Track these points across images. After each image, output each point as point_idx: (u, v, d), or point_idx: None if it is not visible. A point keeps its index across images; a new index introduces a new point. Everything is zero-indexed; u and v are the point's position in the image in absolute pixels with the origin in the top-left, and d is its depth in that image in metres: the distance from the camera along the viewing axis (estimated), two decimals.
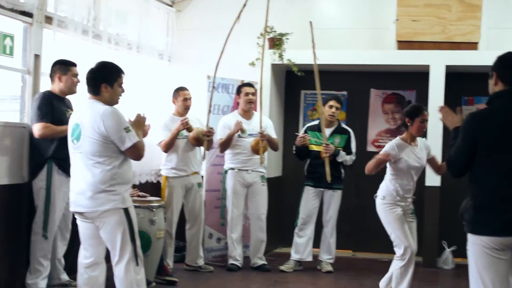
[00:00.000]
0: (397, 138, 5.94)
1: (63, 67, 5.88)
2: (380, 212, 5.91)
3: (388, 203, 5.85)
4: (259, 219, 7.47)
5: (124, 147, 4.76)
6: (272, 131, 7.59)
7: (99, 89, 4.82)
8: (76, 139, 4.79)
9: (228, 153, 7.48)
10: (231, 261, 7.37)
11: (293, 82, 8.77)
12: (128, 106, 6.76)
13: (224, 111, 7.89)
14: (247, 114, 7.52)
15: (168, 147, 7.07)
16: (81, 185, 4.76)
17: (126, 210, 4.80)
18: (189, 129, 7.03)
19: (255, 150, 7.37)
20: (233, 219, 7.41)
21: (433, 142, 7.72)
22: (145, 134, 5.60)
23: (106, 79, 4.84)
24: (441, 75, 7.91)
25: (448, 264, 7.90)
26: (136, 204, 6.32)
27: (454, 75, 8.09)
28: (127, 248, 4.77)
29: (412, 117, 5.84)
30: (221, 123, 7.48)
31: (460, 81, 8.31)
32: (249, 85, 7.56)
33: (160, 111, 7.70)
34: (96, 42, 6.94)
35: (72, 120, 4.91)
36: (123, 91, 4.97)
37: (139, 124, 5.09)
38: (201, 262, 7.27)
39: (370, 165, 5.81)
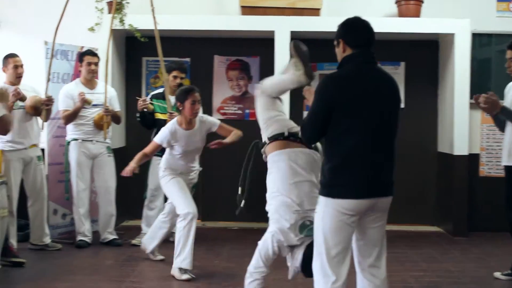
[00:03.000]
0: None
1: None
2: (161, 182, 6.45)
3: (168, 174, 6.37)
4: (108, 192, 7.44)
5: None
6: (116, 103, 7.57)
7: None
8: None
9: (70, 123, 7.36)
10: (80, 237, 7.30)
11: (134, 49, 8.73)
12: None
13: (64, 79, 7.71)
14: (89, 83, 7.42)
15: None
16: None
17: None
18: (22, 98, 6.83)
19: (99, 125, 7.32)
20: (79, 193, 7.32)
21: None
22: (10, 107, 5.44)
23: None
24: (286, 41, 8.19)
25: None
26: None
27: None
28: None
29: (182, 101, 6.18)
30: (63, 92, 7.32)
31: None
32: (92, 53, 7.44)
33: None
34: None
35: None
36: None
37: (3, 97, 4.91)
38: (47, 240, 7.13)
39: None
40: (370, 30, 4.10)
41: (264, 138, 5.01)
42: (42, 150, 7.36)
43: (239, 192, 5.20)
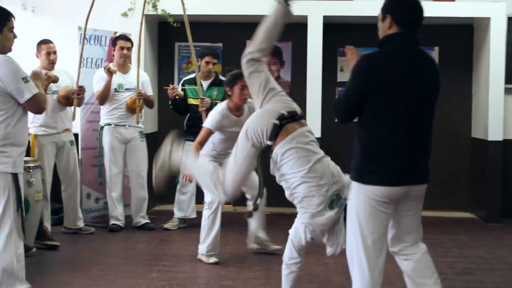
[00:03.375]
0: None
1: None
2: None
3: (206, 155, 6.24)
4: (140, 176, 7.50)
5: (23, 99, 4.65)
6: (149, 87, 7.62)
7: None
8: None
9: (103, 108, 7.42)
10: (112, 221, 7.40)
11: (166, 34, 8.78)
12: None
13: (97, 65, 7.79)
14: (122, 68, 7.47)
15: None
16: None
17: (15, 176, 4.68)
18: (54, 80, 6.87)
19: (131, 109, 7.38)
20: (112, 177, 7.40)
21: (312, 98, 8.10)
22: (45, 86, 5.54)
23: None
24: (319, 26, 8.19)
25: None
26: None
27: (329, 26, 8.39)
28: (8, 218, 4.64)
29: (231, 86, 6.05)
30: (97, 76, 7.40)
31: (335, 32, 8.64)
32: (125, 38, 7.49)
33: (27, 65, 7.49)
34: None
35: None
36: (15, 36, 4.82)
37: (37, 77, 4.98)
38: (81, 224, 7.23)
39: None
40: (421, 10, 3.88)
41: (265, 142, 4.64)
42: (76, 135, 7.45)
43: (258, 201, 5.05)
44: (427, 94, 3.84)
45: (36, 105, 4.77)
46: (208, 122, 6.06)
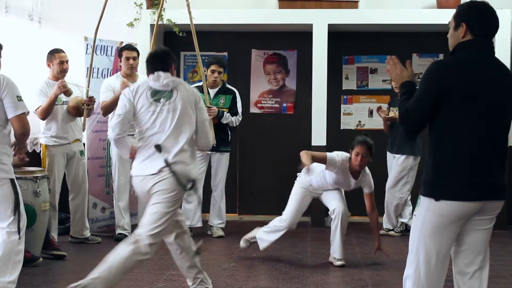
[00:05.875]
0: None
1: None
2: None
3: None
4: None
5: (14, 114, 4.78)
6: None
7: None
8: None
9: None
10: (119, 231, 7.38)
11: (172, 43, 8.76)
12: None
13: (103, 74, 7.80)
14: (130, 77, 7.45)
15: (46, 113, 6.87)
16: None
17: (13, 181, 4.89)
18: (67, 92, 6.89)
19: None
20: (119, 187, 7.39)
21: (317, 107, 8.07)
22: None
23: None
24: (324, 34, 8.21)
25: None
26: (18, 176, 6.24)
27: (334, 34, 8.40)
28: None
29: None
30: (105, 85, 7.36)
31: (340, 40, 8.65)
32: (130, 48, 7.47)
33: (33, 76, 7.53)
34: None
35: None
36: None
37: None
38: (87, 233, 7.23)
39: None
40: (497, 20, 3.65)
41: None
42: (84, 144, 7.44)
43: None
44: (504, 103, 3.60)
45: (23, 122, 4.89)
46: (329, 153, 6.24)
